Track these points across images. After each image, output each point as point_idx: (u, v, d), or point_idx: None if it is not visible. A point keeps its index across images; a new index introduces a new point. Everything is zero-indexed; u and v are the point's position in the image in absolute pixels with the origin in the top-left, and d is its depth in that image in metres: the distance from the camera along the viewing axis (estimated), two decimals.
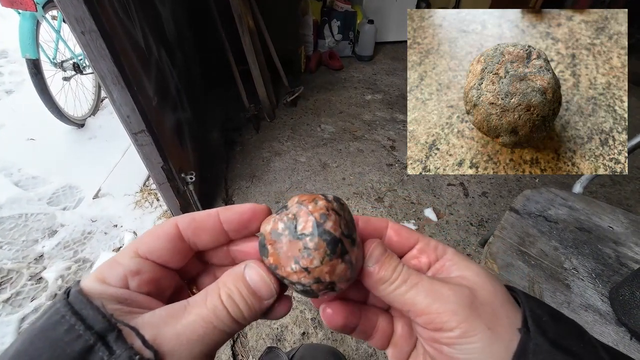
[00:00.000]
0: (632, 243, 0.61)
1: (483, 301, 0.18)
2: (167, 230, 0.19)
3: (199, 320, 0.16)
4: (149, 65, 1.03)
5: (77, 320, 0.14)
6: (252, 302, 0.18)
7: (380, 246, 0.20)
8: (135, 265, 0.18)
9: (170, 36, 1.43)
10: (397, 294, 0.19)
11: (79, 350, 0.14)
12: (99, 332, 0.14)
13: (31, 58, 1.51)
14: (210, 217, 0.20)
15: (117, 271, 0.17)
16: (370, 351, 0.95)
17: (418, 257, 0.22)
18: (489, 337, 0.17)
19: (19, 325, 1.05)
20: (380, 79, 2.68)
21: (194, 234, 0.19)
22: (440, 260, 0.21)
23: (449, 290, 0.18)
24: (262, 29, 1.99)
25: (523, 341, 0.17)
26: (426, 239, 0.22)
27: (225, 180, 1.59)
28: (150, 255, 0.18)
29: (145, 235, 0.19)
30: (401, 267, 0.19)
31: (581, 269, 0.56)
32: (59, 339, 0.14)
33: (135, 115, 0.86)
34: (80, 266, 1.24)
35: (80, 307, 0.15)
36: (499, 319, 0.18)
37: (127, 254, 0.18)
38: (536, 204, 0.70)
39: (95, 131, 1.95)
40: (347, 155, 1.78)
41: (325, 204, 0.19)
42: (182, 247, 0.19)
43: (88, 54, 0.73)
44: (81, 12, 0.67)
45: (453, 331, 0.17)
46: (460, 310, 0.17)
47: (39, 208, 1.45)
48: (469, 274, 0.19)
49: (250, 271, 0.18)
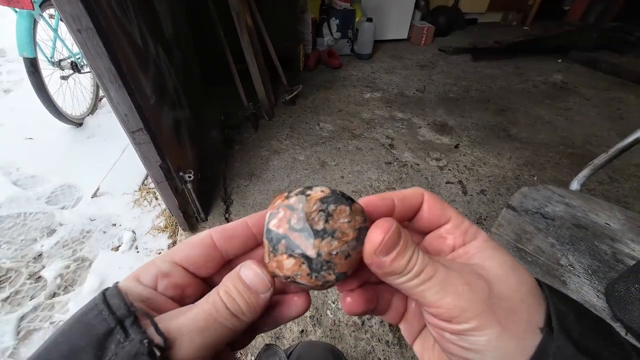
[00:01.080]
0: (629, 239, 0.61)
1: (500, 295, 0.17)
2: (202, 239, 0.21)
3: (200, 313, 0.18)
4: (146, 63, 1.03)
5: (105, 307, 0.17)
6: (248, 296, 0.19)
7: (393, 236, 0.18)
8: (166, 268, 0.20)
9: (168, 34, 1.43)
10: (407, 287, 0.18)
11: (103, 331, 0.16)
12: (119, 317, 0.16)
13: (28, 57, 1.51)
14: (239, 225, 0.21)
15: (151, 272, 0.19)
16: (369, 348, 0.95)
17: (444, 237, 0.21)
18: (498, 332, 0.16)
19: (18, 324, 1.05)
20: (379, 77, 2.68)
21: (227, 241, 0.21)
22: (466, 245, 0.20)
23: (464, 285, 0.17)
24: (261, 28, 1.98)
25: (544, 341, 0.16)
26: (459, 218, 0.21)
27: (224, 179, 1.59)
28: (185, 262, 0.20)
29: (183, 244, 0.21)
30: (416, 257, 0.18)
31: (577, 265, 0.56)
32: (89, 321, 0.16)
33: (132, 113, 0.86)
34: (79, 265, 1.24)
35: (111, 297, 0.17)
36: (515, 315, 0.17)
37: (164, 258, 0.20)
38: (533, 201, 0.70)
39: (93, 130, 1.95)
40: (345, 153, 1.78)
41: (281, 200, 0.20)
42: (214, 255, 0.21)
43: (85, 52, 0.72)
44: (77, 10, 0.67)
45: (461, 325, 0.17)
46: (472, 307, 0.17)
47: (37, 207, 1.45)
48: (492, 265, 0.18)
49: (244, 269, 0.20)
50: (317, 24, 2.77)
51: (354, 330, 0.99)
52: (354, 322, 1.01)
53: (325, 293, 1.09)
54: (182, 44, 1.68)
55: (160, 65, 1.20)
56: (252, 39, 1.82)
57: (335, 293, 1.09)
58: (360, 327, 1.00)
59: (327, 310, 1.04)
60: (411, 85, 2.56)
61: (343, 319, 1.02)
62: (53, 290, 1.15)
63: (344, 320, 1.01)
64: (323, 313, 1.03)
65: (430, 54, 3.18)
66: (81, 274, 1.21)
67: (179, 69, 1.50)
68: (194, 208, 1.29)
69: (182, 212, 1.19)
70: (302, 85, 2.26)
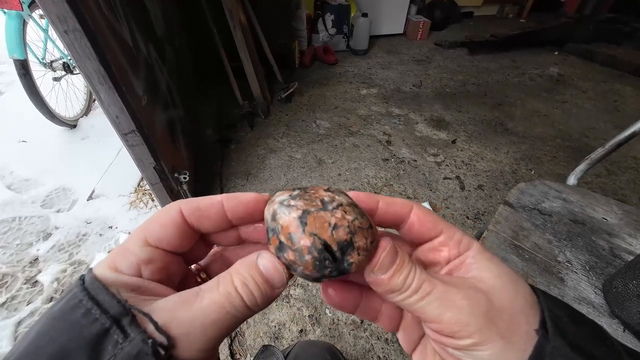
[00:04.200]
0: (626, 234, 0.61)
1: (500, 307, 0.17)
2: (173, 217, 0.19)
3: (212, 305, 0.17)
4: (137, 63, 1.02)
5: (93, 305, 0.15)
6: (265, 289, 0.18)
7: (390, 254, 0.19)
8: (146, 255, 0.18)
9: (160, 33, 1.41)
10: (407, 303, 0.18)
11: (96, 332, 0.15)
12: (114, 316, 0.15)
13: (19, 58, 1.49)
14: (214, 206, 0.20)
15: (130, 260, 0.18)
16: (368, 347, 0.95)
17: (438, 249, 0.21)
18: (501, 346, 0.16)
19: (15, 330, 1.04)
20: (375, 73, 2.66)
21: (198, 221, 0.20)
22: (461, 256, 0.20)
23: (463, 299, 0.17)
24: (255, 24, 1.96)
25: (540, 343, 0.16)
26: (451, 230, 0.21)
27: (220, 179, 1.58)
28: (159, 244, 0.19)
29: (151, 222, 0.19)
30: (413, 274, 0.18)
31: (575, 261, 0.56)
32: (76, 321, 0.15)
33: (124, 115, 0.85)
34: (76, 268, 1.23)
35: (97, 292, 0.16)
36: (516, 326, 0.17)
37: (136, 242, 0.19)
38: (530, 197, 0.70)
39: (88, 131, 1.93)
40: (342, 150, 1.77)
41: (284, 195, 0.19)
42: (187, 232, 0.20)
43: (72, 54, 0.71)
44: (63, 11, 0.66)
45: (464, 340, 0.17)
46: (473, 321, 0.17)
47: (32, 211, 1.43)
48: (489, 276, 0.18)
49: (263, 260, 0.19)
50: (312, 20, 2.75)
51: (353, 328, 0.99)
52: (353, 320, 1.01)
53: None
54: (175, 42, 1.65)
55: (152, 65, 1.18)
56: (246, 36, 1.80)
57: None
58: (360, 326, 1.00)
59: (326, 309, 1.04)
60: (407, 80, 2.54)
61: (342, 317, 1.02)
62: (50, 295, 1.14)
63: (343, 319, 1.01)
64: (322, 312, 1.03)
65: (427, 48, 3.16)
66: None
67: (172, 68, 1.48)
68: None
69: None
70: (298, 82, 2.24)
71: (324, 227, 0.17)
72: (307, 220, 0.17)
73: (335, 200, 0.18)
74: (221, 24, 1.76)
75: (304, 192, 0.19)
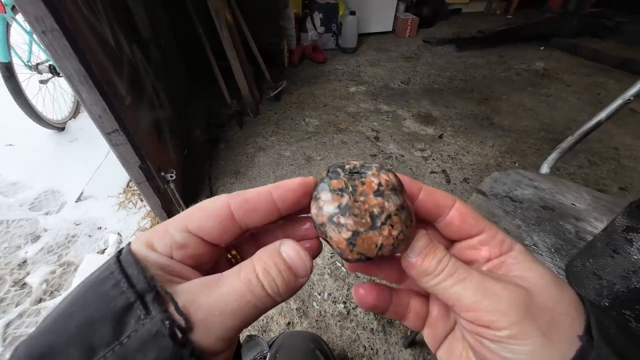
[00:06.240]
0: (592, 218, 0.64)
1: (542, 306, 0.16)
2: (219, 210, 0.19)
3: (232, 293, 0.16)
4: (120, 63, 1.02)
5: (122, 278, 0.15)
6: (288, 277, 0.18)
7: (423, 238, 0.19)
8: (182, 239, 0.18)
9: (145, 33, 1.41)
10: (441, 288, 0.18)
11: (121, 305, 0.15)
12: (139, 292, 0.15)
13: (3, 61, 1.48)
14: (262, 196, 0.19)
15: (165, 241, 0.18)
16: (354, 337, 0.97)
17: (477, 248, 0.20)
18: (542, 344, 0.15)
19: (4, 331, 1.04)
20: (364, 70, 2.68)
21: (246, 215, 0.19)
22: (502, 257, 0.19)
23: (502, 289, 0.17)
24: (242, 24, 1.97)
25: (583, 349, 0.15)
26: (493, 229, 0.20)
27: (209, 178, 1.58)
28: (199, 233, 0.18)
29: (197, 210, 0.19)
30: (447, 259, 0.18)
31: (541, 244, 0.58)
32: (106, 292, 0.15)
33: (106, 114, 0.86)
34: (65, 270, 1.23)
35: (127, 265, 0.16)
36: (559, 327, 0.16)
37: (176, 225, 0.18)
38: (503, 185, 0.72)
39: (76, 133, 1.92)
40: (331, 147, 1.79)
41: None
42: (231, 227, 0.19)
43: (52, 54, 0.72)
44: (41, 11, 0.66)
45: (501, 331, 0.16)
46: (512, 312, 0.16)
47: (20, 214, 1.43)
48: (532, 275, 0.18)
49: (286, 248, 0.18)
50: (300, 19, 2.76)
51: (340, 320, 1.01)
52: (339, 312, 1.03)
53: (311, 286, 1.10)
54: (161, 42, 1.66)
55: (136, 64, 1.19)
56: (233, 35, 1.80)
57: (321, 285, 1.10)
58: (346, 317, 1.01)
59: (313, 302, 1.06)
60: (396, 77, 2.57)
61: (329, 310, 1.04)
62: (39, 296, 1.14)
63: (330, 311, 1.03)
64: (309, 305, 1.05)
65: (415, 45, 3.19)
66: (67, 278, 1.20)
67: (158, 68, 1.48)
68: (178, 208, 1.29)
69: (165, 212, 1.19)
70: (287, 81, 2.25)
71: (371, 248, 0.18)
72: (357, 242, 0.18)
73: (384, 210, 0.18)
74: (208, 24, 1.76)
75: (351, 196, 0.18)
